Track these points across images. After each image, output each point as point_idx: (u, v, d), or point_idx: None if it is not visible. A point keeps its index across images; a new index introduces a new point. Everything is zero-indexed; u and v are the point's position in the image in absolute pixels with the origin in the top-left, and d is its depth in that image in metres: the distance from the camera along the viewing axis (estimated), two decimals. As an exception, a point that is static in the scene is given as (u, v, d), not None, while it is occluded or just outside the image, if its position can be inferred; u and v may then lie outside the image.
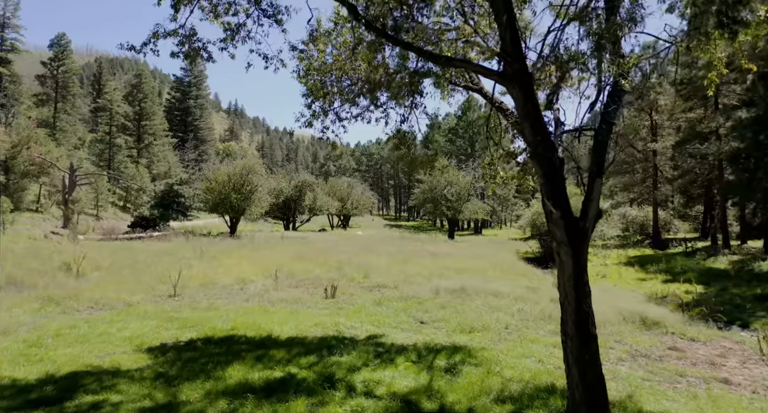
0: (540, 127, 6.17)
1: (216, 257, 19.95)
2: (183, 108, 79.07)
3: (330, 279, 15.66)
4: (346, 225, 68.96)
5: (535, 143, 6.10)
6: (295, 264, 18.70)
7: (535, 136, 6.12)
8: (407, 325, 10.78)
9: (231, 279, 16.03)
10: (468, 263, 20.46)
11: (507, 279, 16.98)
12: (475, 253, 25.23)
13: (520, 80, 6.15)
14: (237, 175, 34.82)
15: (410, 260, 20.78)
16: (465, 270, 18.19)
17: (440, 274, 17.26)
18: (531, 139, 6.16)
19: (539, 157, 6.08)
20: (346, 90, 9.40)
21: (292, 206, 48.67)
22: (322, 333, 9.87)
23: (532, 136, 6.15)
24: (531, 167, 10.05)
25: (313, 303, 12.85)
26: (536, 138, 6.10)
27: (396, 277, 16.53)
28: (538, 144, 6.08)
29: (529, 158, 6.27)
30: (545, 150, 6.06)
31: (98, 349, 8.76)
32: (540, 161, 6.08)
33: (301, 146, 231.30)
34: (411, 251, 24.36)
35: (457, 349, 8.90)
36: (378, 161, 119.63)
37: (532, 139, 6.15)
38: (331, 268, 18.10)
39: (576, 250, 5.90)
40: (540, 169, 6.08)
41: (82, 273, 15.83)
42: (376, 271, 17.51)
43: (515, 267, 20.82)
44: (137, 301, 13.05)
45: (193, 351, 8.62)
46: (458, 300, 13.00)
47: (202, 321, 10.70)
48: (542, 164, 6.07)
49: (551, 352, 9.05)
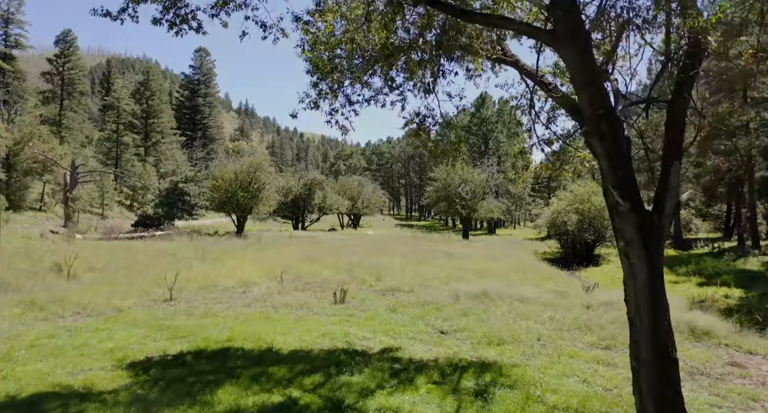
0: (601, 98, 4.91)
1: (219, 258, 18.83)
2: (192, 106, 78.28)
3: (339, 282, 14.47)
4: (356, 224, 67.80)
5: (595, 118, 4.85)
6: (302, 266, 17.54)
7: (595, 108, 4.86)
8: (426, 336, 9.54)
9: (233, 282, 14.88)
10: (487, 264, 19.18)
11: (531, 282, 15.69)
12: (493, 254, 23.94)
13: (575, 39, 4.91)
14: (244, 173, 33.75)
15: (425, 261, 19.54)
16: (485, 273, 16.92)
17: (458, 277, 16.01)
18: (590, 112, 4.91)
19: (601, 135, 4.83)
20: (357, 68, 8.19)
21: (302, 205, 47.50)
22: (330, 346, 8.67)
23: (591, 108, 4.89)
24: (569, 156, 8.80)
25: (320, 309, 11.65)
26: (596, 111, 4.85)
27: (411, 280, 15.30)
28: (599, 119, 4.83)
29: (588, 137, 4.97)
30: (609, 126, 4.81)
31: (73, 364, 7.62)
32: (603, 140, 4.82)
33: (311, 146, 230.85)
34: (425, 251, 23.12)
35: (486, 366, 7.65)
36: (389, 160, 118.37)
37: (590, 113, 4.90)
38: (341, 270, 16.91)
39: (651, 252, 4.64)
40: (602, 150, 4.82)
41: (74, 275, 14.76)
42: (389, 273, 16.30)
43: (537, 268, 19.50)
44: (129, 306, 11.93)
45: (180, 368, 7.46)
46: (481, 306, 11.73)
47: (195, 330, 9.54)
48: (605, 144, 4.82)
49: (595, 370, 7.78)
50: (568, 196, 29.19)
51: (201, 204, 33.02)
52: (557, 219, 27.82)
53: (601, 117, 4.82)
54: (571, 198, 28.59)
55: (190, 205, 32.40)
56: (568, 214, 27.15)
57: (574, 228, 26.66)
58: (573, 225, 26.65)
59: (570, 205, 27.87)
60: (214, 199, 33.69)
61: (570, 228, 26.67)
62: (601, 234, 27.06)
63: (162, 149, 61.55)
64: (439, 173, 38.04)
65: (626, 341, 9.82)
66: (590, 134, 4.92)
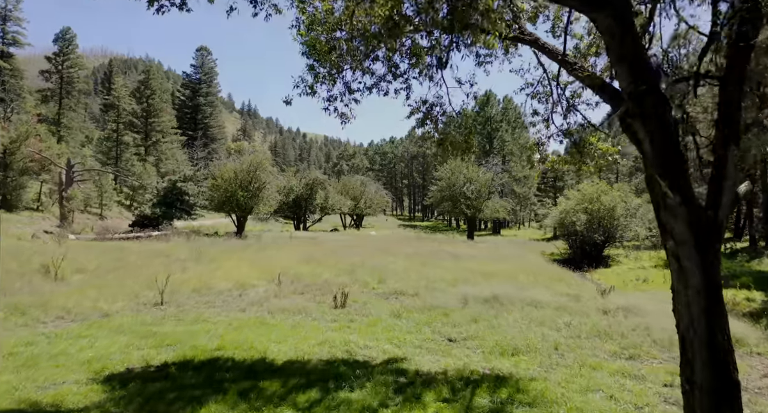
0: (644, 72, 4.18)
1: (216, 259, 18.12)
2: (193, 105, 77.60)
3: (340, 285, 13.75)
4: (359, 225, 67.04)
5: (637, 95, 4.11)
6: (302, 267, 16.82)
7: (636, 84, 4.13)
8: (433, 344, 8.79)
9: (229, 284, 14.17)
10: (494, 266, 18.41)
11: (542, 284, 14.93)
12: (499, 255, 23.16)
13: (613, 3, 4.19)
14: (244, 172, 33.03)
15: (429, 263, 18.78)
16: (493, 275, 16.16)
17: (465, 279, 15.25)
18: (630, 88, 4.17)
19: (644, 115, 4.09)
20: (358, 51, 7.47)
21: (303, 205, 46.69)
22: (329, 355, 7.95)
23: (632, 85, 4.15)
24: (590, 149, 8.05)
25: (319, 314, 10.92)
26: (639, 88, 4.11)
27: (415, 283, 14.56)
28: (641, 96, 4.09)
29: (627, 119, 4.23)
30: (654, 104, 4.07)
31: (45, 376, 6.91)
32: (646, 121, 4.08)
33: (314, 146, 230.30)
34: (429, 252, 22.35)
35: (501, 380, 6.91)
36: (392, 160, 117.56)
37: (632, 90, 4.16)
38: (342, 272, 16.17)
39: (705, 254, 3.89)
40: (646, 133, 4.08)
41: (62, 277, 14.06)
42: (393, 276, 15.56)
43: (547, 270, 18.72)
44: (116, 311, 11.23)
45: (162, 381, 6.74)
46: (492, 311, 10.98)
47: (184, 337, 8.83)
48: (649, 125, 4.07)
49: (621, 384, 7.03)
50: (576, 196, 28.36)
51: (200, 204, 32.28)
52: (565, 220, 26.99)
53: (645, 94, 4.08)
54: (579, 197, 27.77)
55: (189, 205, 31.67)
56: (576, 214, 26.34)
57: (583, 228, 25.84)
58: (582, 225, 25.83)
59: (578, 205, 27.06)
60: (213, 199, 32.99)
61: (579, 228, 25.85)
62: (611, 234, 26.24)
63: (162, 149, 60.87)
64: (444, 172, 37.18)
65: (650, 350, 9.09)
66: (631, 115, 4.18)
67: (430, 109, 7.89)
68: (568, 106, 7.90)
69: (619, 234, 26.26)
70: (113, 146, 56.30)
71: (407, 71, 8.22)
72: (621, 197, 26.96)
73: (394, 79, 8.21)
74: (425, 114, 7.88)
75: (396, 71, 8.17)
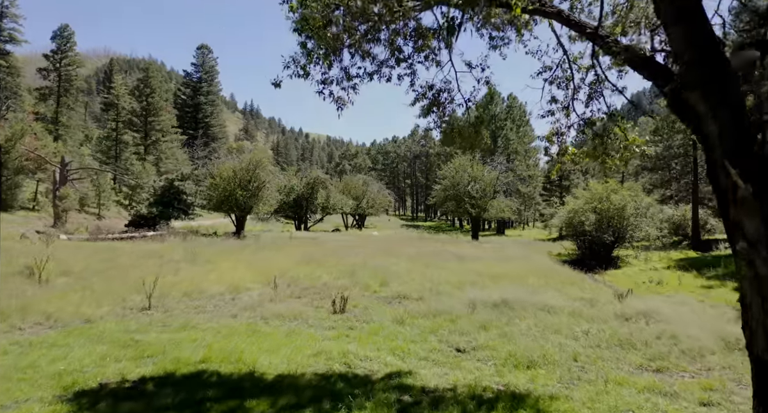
0: (705, 35, 3.41)
1: (211, 260, 17.37)
2: (194, 104, 76.93)
3: (340, 288, 13.00)
4: (361, 225, 66.26)
5: (698, 62, 3.34)
6: (300, 269, 16.07)
7: (697, 50, 3.35)
8: (441, 355, 8.02)
9: (223, 287, 13.42)
10: (501, 267, 17.62)
11: (553, 287, 14.14)
12: (506, 255, 22.36)
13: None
14: (243, 170, 32.27)
15: (434, 264, 17.99)
16: (500, 277, 15.37)
17: (472, 281, 14.46)
18: (688, 55, 3.40)
19: (705, 86, 3.31)
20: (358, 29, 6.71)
21: (304, 205, 45.85)
22: (325, 369, 7.19)
23: (691, 50, 3.38)
24: (615, 140, 7.26)
25: (316, 320, 10.16)
26: (699, 53, 3.34)
27: (419, 286, 13.78)
28: (703, 63, 3.32)
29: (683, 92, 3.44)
30: (718, 74, 3.28)
31: (9, 393, 6.16)
32: (708, 94, 3.29)
33: (316, 146, 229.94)
34: (433, 253, 21.56)
35: (518, 399, 6.13)
36: (394, 160, 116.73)
37: (689, 56, 3.39)
38: (342, 274, 15.41)
39: (788, 259, 3.12)
40: (708, 109, 3.29)
41: (46, 279, 13.32)
42: (396, 278, 14.78)
43: (556, 272, 17.92)
44: (100, 316, 10.48)
45: (136, 401, 5.98)
46: (502, 317, 10.19)
47: (167, 347, 8.07)
48: (712, 99, 3.28)
49: (654, 404, 6.24)
50: (585, 195, 27.50)
51: (198, 203, 31.53)
52: (574, 219, 26.13)
53: (707, 60, 3.31)
54: (588, 196, 26.93)
55: (187, 205, 30.91)
56: (585, 214, 25.50)
57: (592, 228, 25.01)
58: (591, 225, 24.99)
59: (587, 204, 26.21)
60: (211, 198, 32.24)
61: (588, 228, 25.00)
62: (621, 234, 25.38)
63: (162, 148, 60.19)
64: (447, 171, 36.29)
65: (679, 362, 8.25)
66: (689, 86, 3.39)
67: (437, 96, 7.12)
68: (590, 91, 7.13)
69: (629, 235, 25.41)
70: (112, 145, 55.64)
71: (412, 55, 7.48)
72: (631, 196, 26.11)
73: (398, 63, 7.46)
74: (431, 100, 7.12)
75: (400, 55, 7.42)
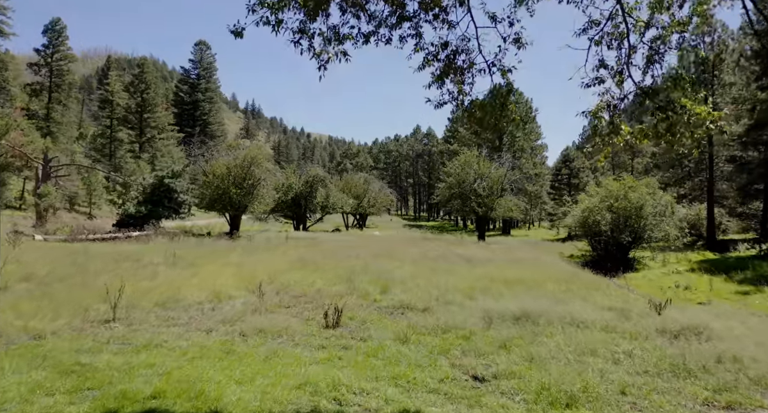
0: None
1: (196, 263, 15.84)
2: (191, 102, 75.32)
3: (335, 295, 11.48)
4: (362, 225, 64.69)
5: None
6: (293, 274, 14.54)
7: None
8: (455, 386, 6.45)
9: (203, 295, 11.90)
10: (514, 271, 16.04)
11: (577, 295, 12.56)
12: (516, 258, 20.74)
13: None
14: (238, 167, 30.74)
15: (440, 268, 16.41)
16: (515, 283, 13.79)
17: (484, 288, 12.88)
18: None
19: None
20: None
21: (303, 204, 44.17)
22: (310, 407, 5.66)
23: None
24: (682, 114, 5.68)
25: (304, 338, 8.61)
26: None
27: (425, 293, 12.21)
28: None
29: None
30: None
31: None
32: None
33: (318, 146, 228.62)
34: (438, 255, 19.97)
35: (565, 458, 4.55)
36: (397, 158, 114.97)
37: None
38: (339, 279, 13.86)
39: None
40: None
41: (4, 286, 11.80)
42: (398, 284, 13.22)
43: (576, 276, 16.29)
44: (53, 331, 8.92)
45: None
46: (525, 334, 8.61)
47: (116, 376, 6.54)
48: None
49: (745, 462, 4.66)
50: (600, 192, 25.83)
51: (189, 202, 29.93)
52: (589, 219, 24.48)
53: None
54: (604, 194, 25.26)
55: (178, 203, 29.32)
56: (601, 212, 23.85)
57: (609, 228, 23.36)
58: (607, 224, 23.35)
59: (602, 202, 24.55)
60: (204, 197, 30.70)
61: (604, 228, 23.35)
62: (639, 235, 23.71)
63: (158, 145, 58.55)
64: (453, 167, 34.52)
65: (751, 393, 6.29)
66: None
67: (452, 58, 5.55)
68: (649, 54, 5.54)
69: (647, 235, 23.76)
70: (107, 143, 54.12)
71: (418, 13, 5.91)
72: (650, 194, 24.45)
73: (400, 23, 5.90)
74: (446, 64, 5.54)
75: (402, 12, 5.86)
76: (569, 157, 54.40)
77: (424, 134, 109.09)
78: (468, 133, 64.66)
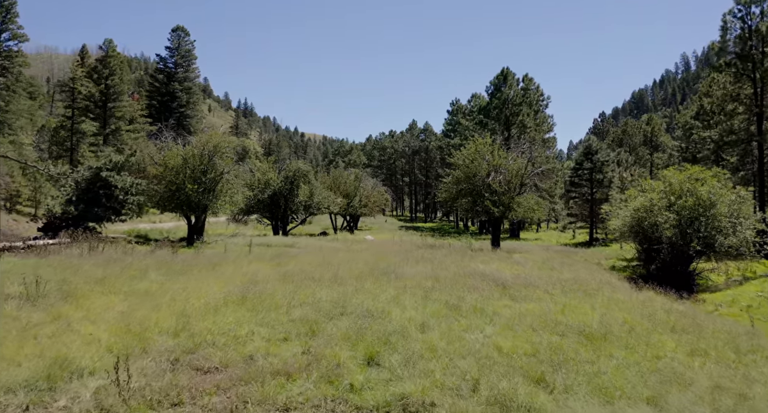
0: None
1: (76, 294, 10.05)
2: (167, 92, 69.13)
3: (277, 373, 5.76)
4: (354, 227, 58.74)
5: None
6: (223, 315, 8.84)
7: None
8: None
9: (32, 369, 6.23)
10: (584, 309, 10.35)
11: (718, 362, 6.88)
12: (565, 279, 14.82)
13: None
14: (196, 158, 24.89)
15: (464, 300, 10.59)
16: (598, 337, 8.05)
17: (554, 351, 7.14)
18: None
19: None
20: None
21: (282, 203, 38.12)
22: None
23: None
24: None
25: None
26: None
27: (448, 369, 6.46)
28: None
29: None
30: None
31: None
32: None
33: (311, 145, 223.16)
34: (454, 275, 14.03)
35: None
36: (392, 156, 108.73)
37: None
38: (295, 328, 8.14)
39: None
40: None
41: None
42: (397, 343, 7.44)
43: (687, 318, 10.55)
44: None
45: None
46: None
47: None
48: None
49: None
50: (658, 187, 20.00)
51: (134, 201, 23.96)
52: (645, 221, 18.65)
53: None
54: (662, 189, 19.46)
55: (119, 202, 23.44)
56: (662, 213, 18.02)
57: (673, 233, 17.55)
58: (671, 228, 17.53)
59: (662, 199, 18.77)
60: (154, 194, 24.84)
61: (668, 233, 17.51)
62: (710, 241, 17.97)
63: (123, 138, 52.56)
64: (460, 158, 28.39)
65: None
66: None
67: None
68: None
69: (719, 243, 18.05)
70: (68, 136, 48.06)
71: None
72: (726, 188, 18.68)
73: None
74: None
75: None
76: (591, 148, 48.52)
77: (421, 129, 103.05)
78: (472, 124, 58.79)
